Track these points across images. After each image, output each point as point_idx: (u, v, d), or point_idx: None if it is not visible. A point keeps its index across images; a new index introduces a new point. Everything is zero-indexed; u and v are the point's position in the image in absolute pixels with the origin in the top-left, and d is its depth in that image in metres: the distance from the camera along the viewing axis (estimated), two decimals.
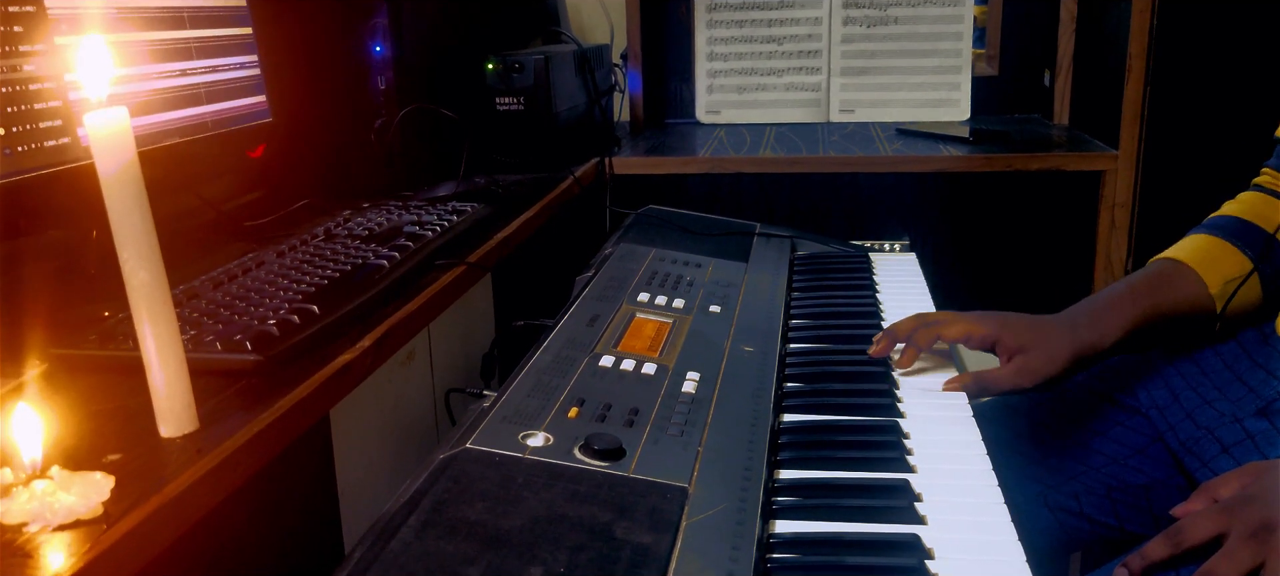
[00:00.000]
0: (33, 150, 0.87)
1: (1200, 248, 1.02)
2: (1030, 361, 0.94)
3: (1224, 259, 1.00)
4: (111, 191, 0.63)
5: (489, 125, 1.59)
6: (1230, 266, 1.00)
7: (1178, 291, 1.00)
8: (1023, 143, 1.76)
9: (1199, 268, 1.00)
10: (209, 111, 1.14)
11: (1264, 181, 1.07)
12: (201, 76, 1.14)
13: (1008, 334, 0.96)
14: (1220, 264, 1.00)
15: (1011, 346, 0.95)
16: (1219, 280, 0.99)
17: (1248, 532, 0.73)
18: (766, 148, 1.78)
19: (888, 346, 0.97)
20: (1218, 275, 0.99)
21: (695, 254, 1.23)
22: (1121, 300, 0.99)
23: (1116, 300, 0.99)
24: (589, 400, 0.78)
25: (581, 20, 2.19)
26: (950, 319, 0.98)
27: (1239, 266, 1.00)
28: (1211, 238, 1.02)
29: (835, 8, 2.06)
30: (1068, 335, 0.96)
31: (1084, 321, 0.97)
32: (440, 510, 0.61)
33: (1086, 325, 0.97)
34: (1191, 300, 1.00)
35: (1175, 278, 1.00)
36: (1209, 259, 1.00)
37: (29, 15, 0.89)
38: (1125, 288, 1.01)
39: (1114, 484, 1.06)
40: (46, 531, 0.56)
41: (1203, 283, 0.99)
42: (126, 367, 0.74)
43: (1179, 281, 1.00)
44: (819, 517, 0.70)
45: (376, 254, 1.02)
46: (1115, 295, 1.00)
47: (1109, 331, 0.97)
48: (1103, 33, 1.81)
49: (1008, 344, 0.96)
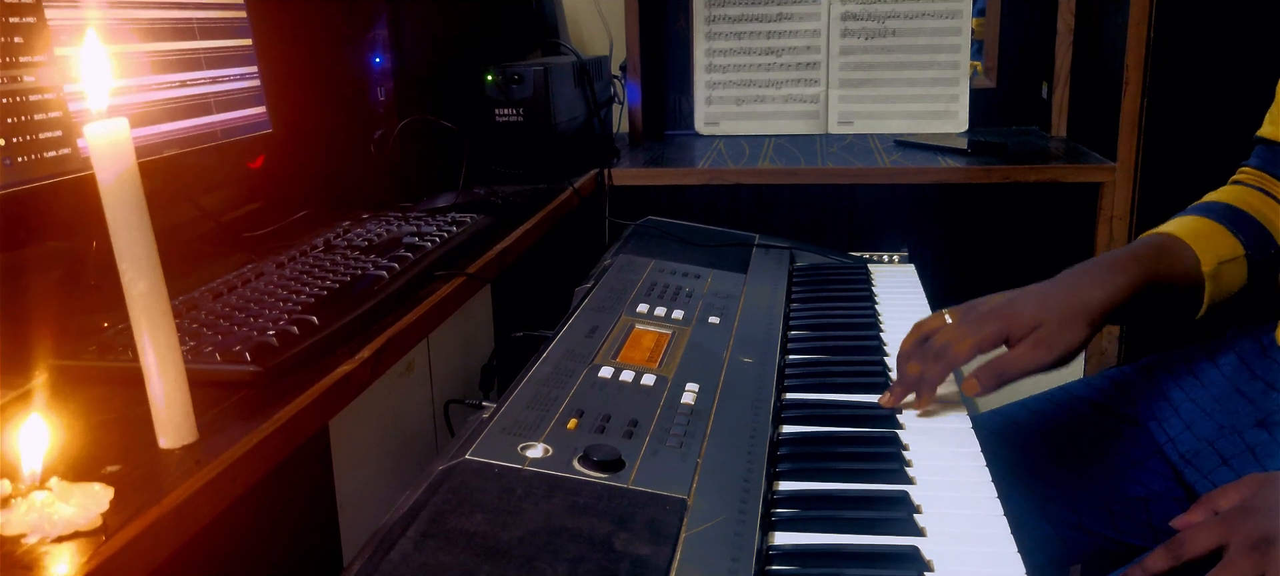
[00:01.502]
0: (33, 161, 0.87)
1: (1192, 226, 1.01)
2: (1046, 333, 0.90)
3: (1217, 239, 1.00)
4: (111, 202, 0.64)
5: (488, 136, 1.59)
6: (1223, 248, 0.99)
7: (1177, 261, 0.98)
8: (1021, 154, 1.76)
9: (1194, 244, 0.99)
10: (209, 122, 1.15)
11: (1243, 178, 1.07)
12: (201, 87, 1.14)
13: (1015, 323, 0.92)
14: (1214, 243, 0.99)
15: (1022, 331, 0.92)
16: (1213, 259, 0.98)
17: (1248, 544, 0.73)
18: (765, 159, 1.78)
19: (900, 396, 0.93)
20: (1212, 254, 0.98)
21: (694, 265, 1.23)
22: (1125, 262, 0.96)
23: (1119, 262, 0.96)
24: (588, 411, 0.78)
25: (580, 32, 2.20)
26: (954, 338, 0.93)
27: (1232, 249, 0.99)
28: (1201, 219, 1.02)
29: (834, 20, 2.06)
30: (1076, 297, 0.92)
31: (1089, 282, 0.94)
32: (439, 521, 0.61)
33: (1093, 284, 0.93)
34: (1188, 272, 0.98)
35: (1173, 249, 0.99)
36: (1202, 237, 1.00)
37: (29, 26, 0.89)
38: (1128, 251, 0.98)
39: (1113, 496, 1.06)
40: (46, 543, 0.56)
41: (1197, 259, 0.98)
42: (126, 378, 0.74)
43: (1177, 253, 0.99)
44: (818, 529, 0.70)
45: (376, 265, 1.02)
46: (1116, 257, 0.97)
47: (1117, 289, 0.93)
48: (1100, 45, 1.82)
49: (1018, 332, 0.92)
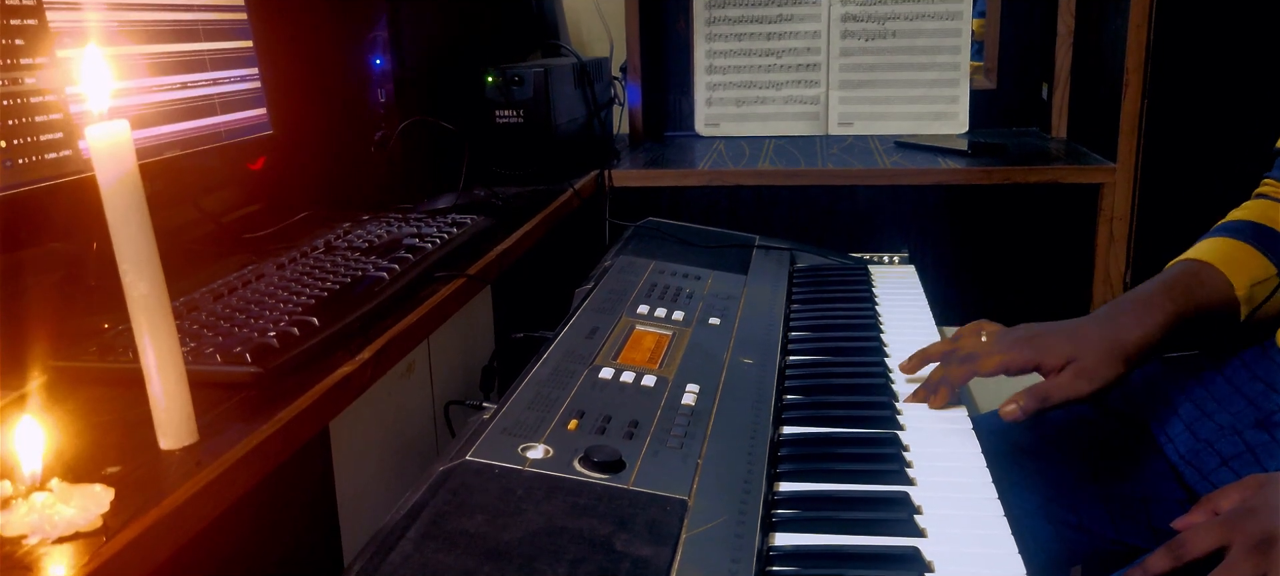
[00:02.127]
0: (34, 163, 0.87)
1: (1221, 249, 1.00)
2: (1086, 366, 0.91)
3: (1247, 261, 0.99)
4: (112, 203, 0.64)
5: (488, 137, 1.59)
6: (1256, 269, 0.99)
7: (1210, 290, 0.98)
8: (1021, 156, 1.76)
9: (1225, 268, 0.98)
10: (209, 124, 1.15)
11: (1267, 191, 1.07)
12: (202, 89, 1.14)
13: (1048, 355, 0.92)
14: (1245, 265, 0.98)
15: (1054, 364, 0.92)
16: (1246, 281, 0.97)
17: (1249, 545, 0.73)
18: (765, 160, 1.78)
19: (919, 364, 0.95)
20: (1244, 277, 0.98)
21: (694, 266, 1.23)
22: (1159, 296, 0.96)
23: (1153, 297, 0.96)
24: (588, 412, 0.78)
25: (581, 33, 2.20)
26: (983, 350, 0.94)
27: (1264, 270, 0.98)
28: (1230, 240, 1.01)
29: (834, 21, 2.06)
30: (1113, 334, 0.92)
31: (1125, 320, 0.94)
32: (440, 522, 0.61)
33: (1132, 324, 0.93)
34: (1223, 299, 0.97)
35: (1204, 277, 0.98)
36: (1233, 260, 0.99)
37: (31, 28, 0.89)
38: (1159, 285, 0.98)
39: (1113, 496, 1.06)
40: (46, 544, 0.56)
41: (1229, 283, 0.97)
42: (126, 379, 0.74)
43: (1209, 280, 0.98)
44: (819, 530, 0.70)
45: (376, 266, 1.02)
46: (1149, 293, 0.97)
47: (1153, 327, 0.93)
48: (1100, 46, 1.82)
49: (1051, 363, 0.92)
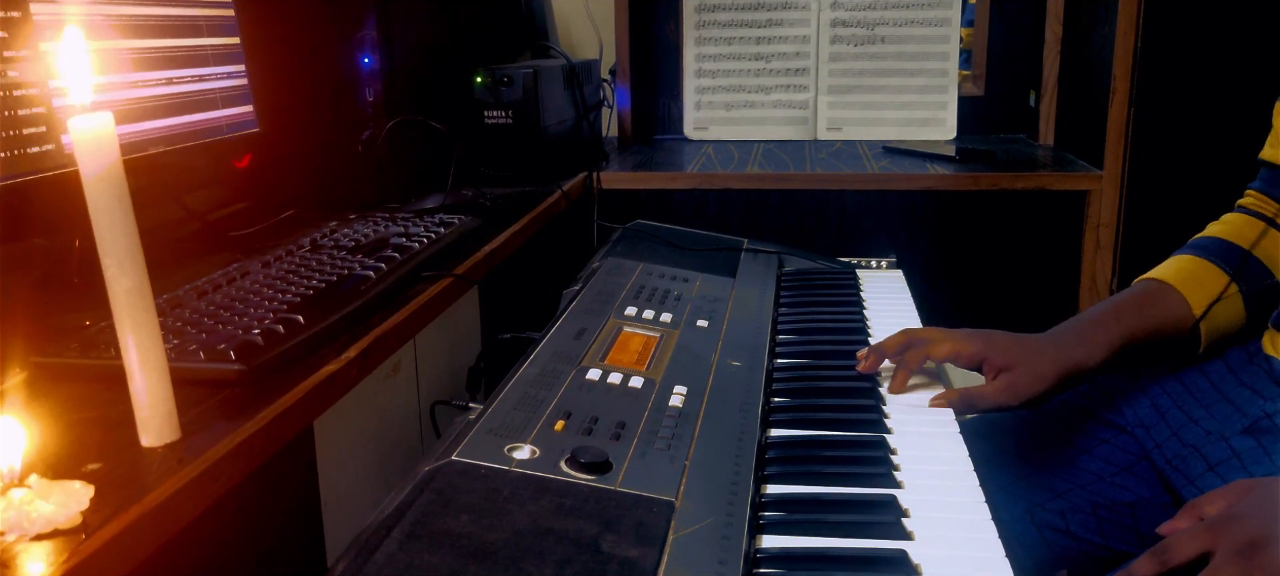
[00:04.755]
0: (15, 156, 0.87)
1: (1183, 268, 1.03)
2: (1016, 379, 0.94)
3: (1207, 278, 1.01)
4: (95, 195, 0.63)
5: (477, 138, 1.59)
6: (1213, 286, 1.00)
7: (1162, 311, 1.00)
8: (1008, 162, 1.77)
9: (1182, 288, 1.00)
10: (195, 121, 1.14)
11: (1248, 203, 1.08)
12: (188, 85, 1.13)
13: (994, 352, 0.96)
14: (1204, 283, 1.01)
15: (998, 364, 0.95)
16: (1203, 300, 1.00)
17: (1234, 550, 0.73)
18: (754, 164, 1.78)
19: (876, 362, 0.97)
20: (1201, 295, 1.00)
21: (683, 269, 1.23)
22: (1107, 319, 0.99)
23: (1102, 319, 0.99)
24: (576, 413, 0.78)
25: (570, 35, 2.19)
26: (938, 337, 0.97)
27: (1220, 287, 1.00)
28: (1194, 258, 1.03)
29: (823, 26, 2.07)
30: (1054, 353, 0.96)
31: (1070, 339, 0.97)
32: (425, 522, 0.61)
33: (1073, 343, 0.97)
34: (1176, 320, 1.00)
35: (1159, 297, 1.01)
36: (1193, 279, 1.01)
37: (13, 21, 0.88)
38: (1110, 307, 1.01)
39: (1100, 501, 1.06)
40: (24, 541, 0.55)
41: (1186, 303, 1.00)
42: (108, 376, 0.73)
43: (1163, 301, 1.01)
44: (806, 533, 0.70)
45: (363, 265, 1.01)
46: (1100, 314, 1.00)
47: (1095, 350, 0.97)
48: (1087, 54, 1.83)
49: (995, 362, 0.96)
